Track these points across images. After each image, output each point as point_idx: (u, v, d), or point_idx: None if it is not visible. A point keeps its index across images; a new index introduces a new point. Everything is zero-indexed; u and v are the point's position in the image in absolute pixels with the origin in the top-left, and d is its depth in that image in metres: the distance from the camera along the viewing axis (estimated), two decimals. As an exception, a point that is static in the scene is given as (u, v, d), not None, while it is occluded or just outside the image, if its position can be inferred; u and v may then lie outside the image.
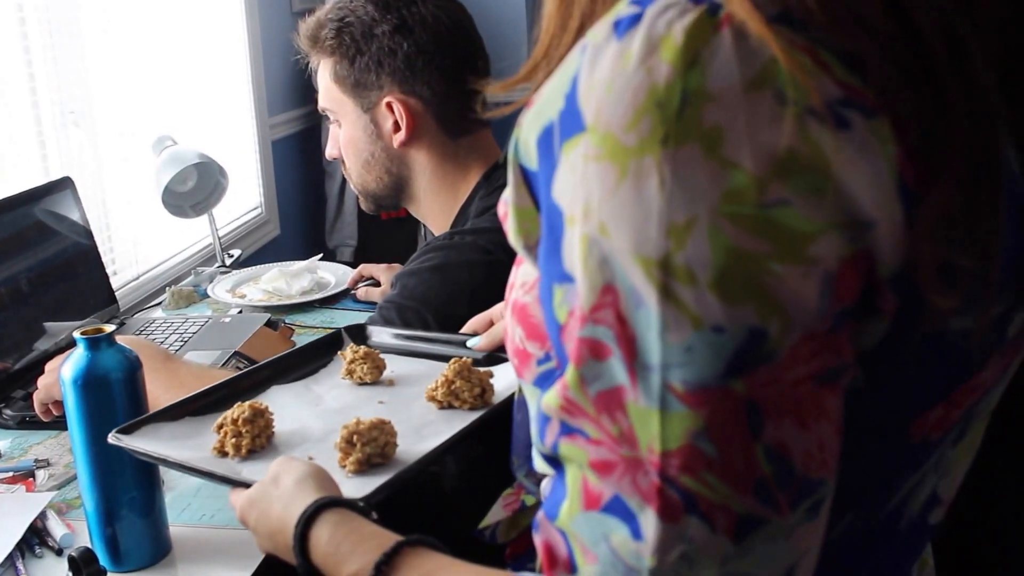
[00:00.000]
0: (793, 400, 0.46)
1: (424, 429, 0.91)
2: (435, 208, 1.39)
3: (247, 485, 0.80)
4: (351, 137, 1.38)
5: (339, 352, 1.09)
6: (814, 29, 0.45)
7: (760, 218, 0.43)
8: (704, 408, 0.45)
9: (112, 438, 0.88)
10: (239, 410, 0.88)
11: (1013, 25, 0.49)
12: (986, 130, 0.47)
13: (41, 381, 1.23)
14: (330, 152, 1.44)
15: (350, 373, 1.04)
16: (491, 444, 0.88)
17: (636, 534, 0.48)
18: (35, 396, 1.25)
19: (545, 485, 0.59)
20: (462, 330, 1.09)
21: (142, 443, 0.88)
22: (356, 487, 0.79)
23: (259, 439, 0.88)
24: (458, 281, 1.19)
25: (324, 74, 1.36)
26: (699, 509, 0.46)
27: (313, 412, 0.97)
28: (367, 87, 1.33)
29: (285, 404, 0.98)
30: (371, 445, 0.83)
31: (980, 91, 0.46)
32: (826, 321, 0.45)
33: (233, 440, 0.87)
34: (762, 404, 0.45)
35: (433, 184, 1.36)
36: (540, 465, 0.58)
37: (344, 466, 0.84)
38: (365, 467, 0.83)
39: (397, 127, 1.33)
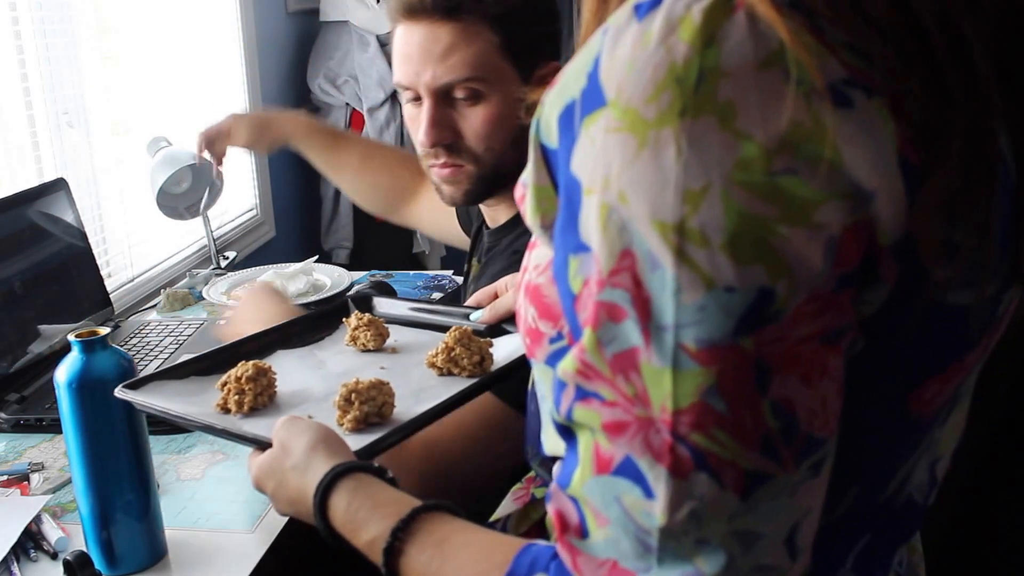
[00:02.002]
0: (798, 358, 0.48)
1: (422, 393, 0.93)
2: None
3: (244, 438, 0.82)
4: (504, 111, 1.22)
5: (344, 320, 1.10)
6: (821, 18, 0.48)
7: (769, 185, 0.46)
8: (715, 365, 0.47)
9: (119, 392, 0.89)
10: (243, 368, 0.90)
11: (1009, 18, 0.51)
12: (984, 117, 0.49)
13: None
14: (442, 136, 1.24)
15: (354, 340, 1.06)
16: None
17: (648, 493, 0.50)
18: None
19: (556, 468, 0.60)
20: (466, 302, 1.10)
21: (146, 397, 0.89)
22: (353, 444, 0.80)
23: (261, 397, 0.90)
24: None
25: (479, 41, 1.19)
26: (708, 465, 0.48)
27: (316, 375, 1.00)
28: (538, 54, 1.22)
29: (289, 367, 1.00)
30: (369, 404, 0.85)
31: (978, 80, 0.49)
32: (829, 283, 0.47)
33: (236, 397, 0.89)
34: (769, 361, 0.48)
35: None
36: (549, 447, 0.59)
37: (342, 424, 0.85)
38: (362, 425, 0.85)
39: None
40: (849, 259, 0.48)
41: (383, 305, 1.17)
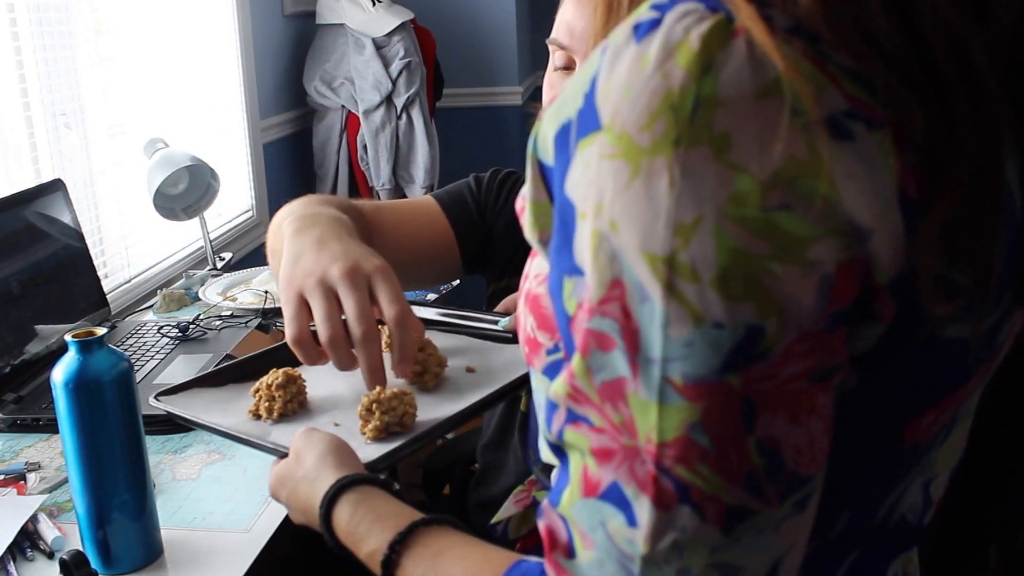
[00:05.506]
0: (786, 396, 0.47)
1: (446, 401, 0.94)
2: None
3: (271, 449, 0.84)
4: None
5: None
6: (824, 43, 0.46)
7: (762, 220, 0.45)
8: (701, 401, 0.47)
9: (153, 400, 0.93)
10: (273, 376, 0.93)
11: (1022, 33, 0.49)
12: (991, 146, 0.48)
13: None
14: None
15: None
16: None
17: (631, 521, 0.49)
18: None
19: (554, 476, 0.60)
20: (496, 308, 1.11)
21: (180, 406, 0.93)
22: (373, 453, 0.83)
23: (291, 404, 0.93)
24: None
25: None
26: (691, 499, 0.48)
27: (346, 381, 1.01)
28: None
29: (321, 371, 1.02)
30: (390, 414, 0.87)
31: (987, 107, 0.47)
32: (821, 322, 0.47)
33: (266, 404, 0.92)
34: (756, 399, 0.47)
35: None
36: (546, 455, 0.60)
37: (364, 432, 0.87)
38: (383, 435, 0.87)
39: None
40: (843, 297, 0.47)
41: (418, 311, 1.18)
